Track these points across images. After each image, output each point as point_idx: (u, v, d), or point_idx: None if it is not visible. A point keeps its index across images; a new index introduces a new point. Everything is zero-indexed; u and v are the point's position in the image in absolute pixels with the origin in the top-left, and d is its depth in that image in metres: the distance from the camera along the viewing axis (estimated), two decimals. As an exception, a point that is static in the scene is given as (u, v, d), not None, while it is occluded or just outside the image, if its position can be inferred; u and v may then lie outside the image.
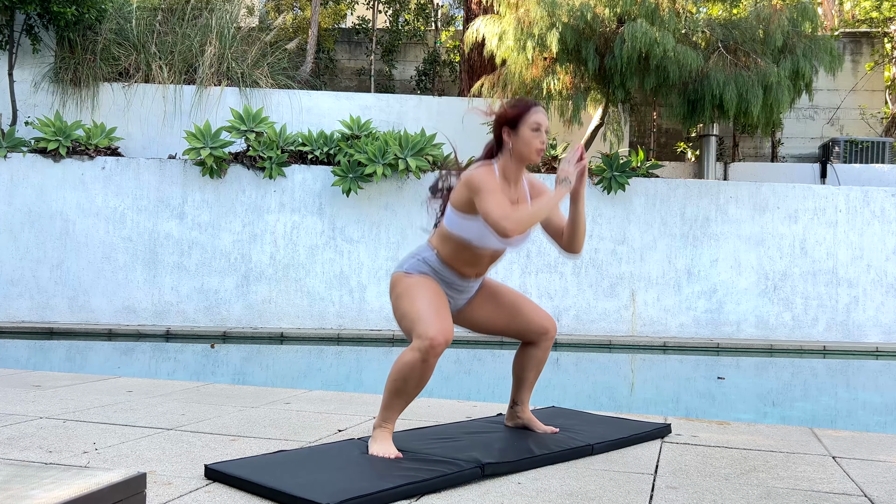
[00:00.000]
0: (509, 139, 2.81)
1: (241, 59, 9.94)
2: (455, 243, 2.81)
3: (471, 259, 2.84)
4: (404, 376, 2.63)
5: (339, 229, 8.71)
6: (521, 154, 2.81)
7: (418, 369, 2.60)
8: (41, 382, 4.28)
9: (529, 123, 2.78)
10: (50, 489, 1.54)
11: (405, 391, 2.66)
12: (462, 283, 2.90)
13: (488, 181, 2.68)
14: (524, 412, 3.13)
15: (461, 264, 2.85)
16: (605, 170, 8.78)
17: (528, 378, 3.09)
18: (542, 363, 3.07)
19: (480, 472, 2.49)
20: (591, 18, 8.34)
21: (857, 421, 4.90)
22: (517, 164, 2.85)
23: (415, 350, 2.60)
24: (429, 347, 2.57)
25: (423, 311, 2.68)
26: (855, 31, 12.23)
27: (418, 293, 2.75)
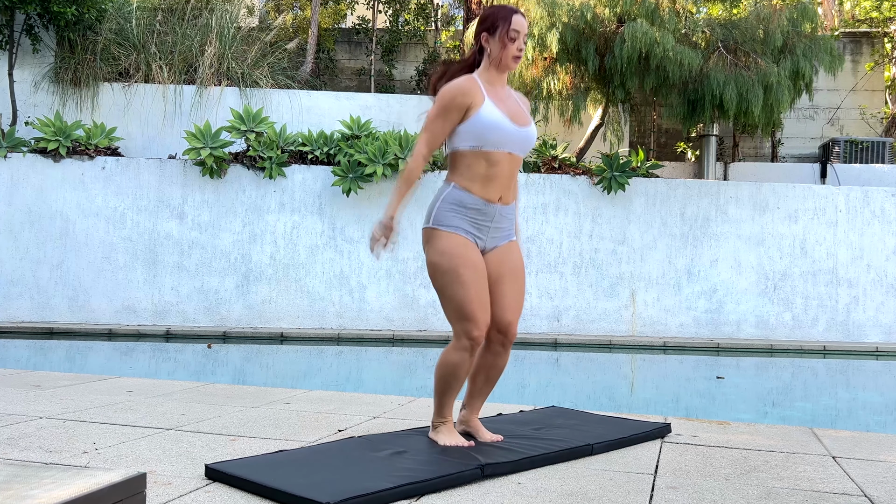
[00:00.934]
0: (488, 45, 2.82)
1: (241, 59, 9.94)
2: (466, 162, 2.79)
3: (486, 174, 2.78)
4: (454, 374, 2.74)
5: (339, 229, 8.71)
6: (497, 59, 2.81)
7: (466, 364, 2.73)
8: (41, 382, 4.28)
9: (507, 28, 2.78)
10: (50, 489, 1.54)
11: (456, 386, 2.78)
12: (490, 210, 2.80)
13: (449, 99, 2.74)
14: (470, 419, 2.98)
15: (480, 185, 2.78)
16: (605, 170, 8.78)
17: (478, 383, 2.94)
18: (492, 370, 2.91)
19: (480, 472, 2.49)
20: (591, 18, 8.34)
21: (857, 421, 4.90)
22: (498, 71, 2.84)
23: (461, 350, 2.70)
24: (474, 346, 2.71)
25: (466, 305, 2.69)
26: (855, 31, 12.23)
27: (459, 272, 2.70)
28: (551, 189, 8.82)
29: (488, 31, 2.81)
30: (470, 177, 2.79)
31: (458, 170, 2.81)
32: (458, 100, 2.74)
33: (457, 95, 2.74)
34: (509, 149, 2.80)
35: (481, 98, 2.76)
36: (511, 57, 2.80)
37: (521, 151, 2.84)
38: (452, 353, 2.71)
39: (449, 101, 2.74)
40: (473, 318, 2.68)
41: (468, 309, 2.69)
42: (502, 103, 2.81)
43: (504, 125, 2.76)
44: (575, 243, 8.80)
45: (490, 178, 2.79)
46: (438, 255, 2.75)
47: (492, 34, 2.81)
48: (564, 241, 8.80)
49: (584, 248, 8.80)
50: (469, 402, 3.00)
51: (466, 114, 2.75)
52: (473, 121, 2.74)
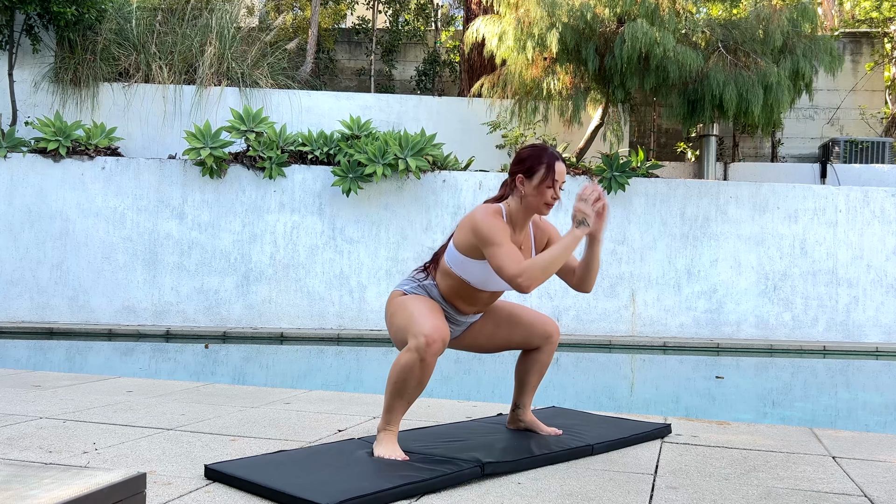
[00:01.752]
0: (522, 186, 2.72)
1: (241, 59, 9.94)
2: (455, 281, 2.78)
3: (470, 297, 2.82)
4: (404, 378, 2.58)
5: (339, 229, 8.71)
6: (530, 204, 2.74)
7: (417, 369, 2.55)
8: (41, 382, 4.28)
9: (549, 178, 2.69)
10: (50, 489, 1.54)
11: (405, 392, 2.61)
12: (460, 318, 2.89)
13: (496, 231, 2.60)
14: (526, 415, 3.09)
15: (460, 301, 2.82)
16: (605, 170, 8.78)
17: (531, 382, 3.05)
18: (545, 367, 3.04)
19: (480, 472, 2.48)
20: (591, 18, 8.34)
21: (857, 421, 4.90)
22: (525, 212, 2.77)
23: (411, 350, 2.55)
24: (425, 346, 2.52)
25: (417, 314, 2.64)
26: (855, 31, 12.23)
27: (412, 303, 2.72)
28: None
29: (525, 174, 2.71)
30: (452, 293, 2.81)
31: (443, 278, 2.81)
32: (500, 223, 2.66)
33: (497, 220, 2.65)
34: (495, 288, 2.82)
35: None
36: (545, 203, 2.73)
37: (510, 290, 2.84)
38: (403, 354, 2.59)
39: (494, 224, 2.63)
40: (422, 321, 2.59)
41: (416, 317, 2.62)
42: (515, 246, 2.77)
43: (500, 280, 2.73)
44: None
45: (472, 301, 2.84)
46: (395, 304, 2.77)
47: (528, 178, 2.70)
48: (564, 241, 8.78)
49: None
50: (522, 399, 3.07)
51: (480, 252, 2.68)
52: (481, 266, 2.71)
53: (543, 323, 2.98)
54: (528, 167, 2.71)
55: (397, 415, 2.66)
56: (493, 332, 2.97)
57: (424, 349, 2.52)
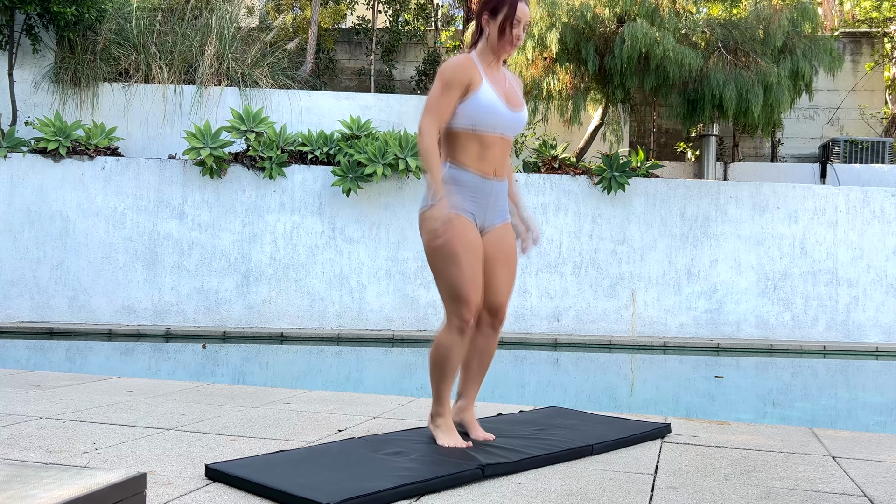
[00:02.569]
0: (487, 26, 2.83)
1: (241, 59, 9.94)
2: (460, 140, 2.81)
3: (480, 151, 2.81)
4: (448, 357, 2.74)
5: (339, 229, 8.71)
6: (494, 43, 2.83)
7: (458, 346, 2.74)
8: (41, 382, 4.28)
9: (510, 15, 2.78)
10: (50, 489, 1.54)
11: (451, 370, 2.77)
12: (485, 185, 2.83)
13: (451, 75, 2.73)
14: (466, 410, 2.98)
15: (475, 161, 2.81)
16: (605, 170, 8.78)
17: (472, 367, 2.96)
18: (484, 354, 2.95)
19: (480, 472, 2.48)
20: (591, 18, 8.34)
21: (857, 421, 4.90)
22: (493, 52, 2.85)
23: (452, 331, 2.72)
24: (464, 328, 2.72)
25: (459, 285, 2.71)
26: (855, 31, 12.23)
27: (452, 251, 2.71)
28: (551, 189, 8.83)
29: (490, 14, 2.82)
30: (465, 155, 2.81)
31: (452, 149, 2.83)
32: (460, 76, 2.75)
33: (458, 71, 2.75)
34: (501, 131, 2.84)
35: (479, 79, 2.79)
36: (509, 43, 2.82)
37: (512, 133, 2.90)
38: (444, 335, 2.73)
39: (451, 76, 2.75)
40: (466, 300, 2.70)
41: (463, 290, 2.71)
42: (498, 86, 2.84)
43: (499, 109, 2.79)
44: (575, 243, 8.80)
45: (484, 157, 2.83)
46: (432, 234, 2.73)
47: (493, 17, 2.81)
48: (564, 241, 8.80)
49: (584, 248, 8.80)
50: (464, 389, 3.00)
51: (466, 91, 2.77)
52: (470, 102, 2.77)
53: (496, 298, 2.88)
54: (493, 7, 2.82)
55: (446, 395, 2.82)
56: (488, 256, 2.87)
57: (464, 329, 2.73)
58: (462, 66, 2.76)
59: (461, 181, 2.80)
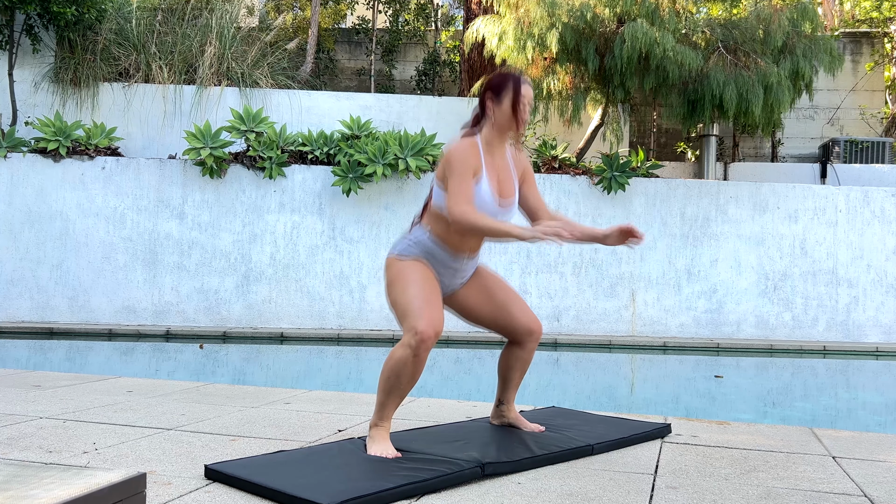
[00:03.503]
0: (492, 108, 2.86)
1: (241, 59, 9.94)
2: (443, 219, 2.83)
3: (461, 235, 2.84)
4: (397, 373, 2.65)
5: (339, 229, 8.71)
6: (501, 124, 2.86)
7: (410, 364, 2.63)
8: (41, 382, 4.28)
9: (516, 99, 2.82)
10: (50, 489, 1.54)
11: (398, 387, 2.68)
12: (455, 262, 2.89)
13: (463, 161, 2.73)
14: (510, 411, 3.17)
15: (453, 240, 2.85)
16: (605, 170, 8.78)
17: (513, 378, 3.11)
18: (526, 363, 3.08)
19: (480, 472, 2.49)
20: (591, 18, 8.34)
21: (857, 421, 4.90)
22: (498, 134, 2.88)
23: (405, 346, 2.62)
24: (419, 342, 2.60)
25: (413, 302, 2.69)
26: (855, 31, 12.23)
27: (409, 280, 2.76)
28: (551, 189, 8.83)
29: (494, 97, 2.85)
30: (444, 232, 2.85)
31: (433, 220, 2.86)
32: (472, 161, 2.77)
33: (469, 158, 2.76)
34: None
35: (479, 170, 2.80)
36: (515, 126, 2.85)
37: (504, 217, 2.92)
38: (398, 349, 2.67)
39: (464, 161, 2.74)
40: (419, 315, 2.66)
41: (413, 305, 2.69)
42: (495, 175, 2.85)
43: (489, 205, 2.80)
44: (575, 243, 8.79)
45: (462, 239, 2.87)
46: (395, 272, 2.81)
47: (497, 100, 2.84)
48: (564, 241, 8.78)
49: (584, 247, 8.80)
50: (505, 395, 3.14)
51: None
52: None
53: (528, 318, 3.01)
54: (497, 90, 2.86)
55: (389, 410, 2.73)
56: (482, 303, 2.99)
57: (418, 346, 2.60)
58: (470, 153, 2.77)
59: (431, 253, 2.85)
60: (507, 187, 2.89)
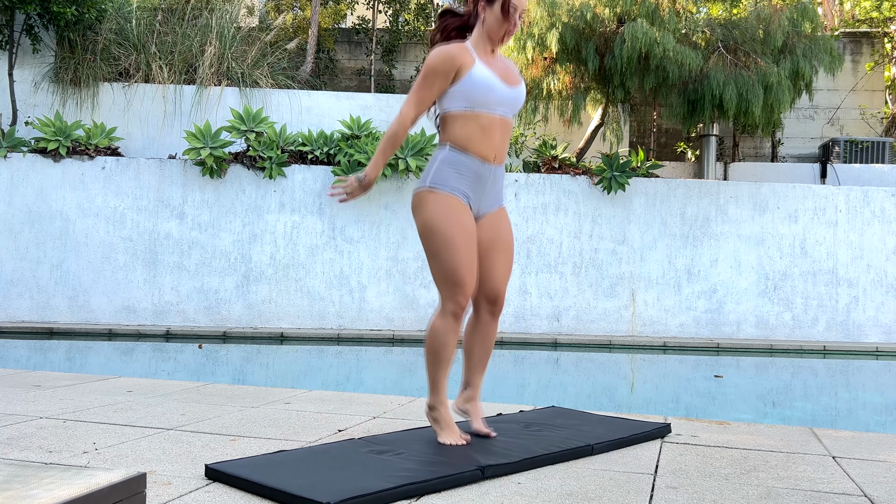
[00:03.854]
0: (483, 12, 2.80)
1: (241, 59, 9.94)
2: (459, 123, 2.79)
3: (480, 134, 2.79)
4: (443, 343, 2.71)
5: (339, 229, 8.71)
6: (490, 30, 2.80)
7: (452, 333, 2.71)
8: (41, 382, 4.28)
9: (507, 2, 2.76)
10: (50, 489, 1.54)
11: (446, 357, 2.74)
12: (484, 170, 2.82)
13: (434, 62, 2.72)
14: (473, 400, 3.00)
15: (475, 144, 2.79)
16: (605, 170, 8.78)
17: (474, 355, 2.97)
18: (487, 340, 2.96)
19: (481, 472, 2.48)
20: (591, 18, 8.34)
21: (857, 421, 4.90)
22: (488, 40, 2.83)
23: (446, 315, 2.70)
24: (460, 312, 2.70)
25: (455, 269, 2.69)
26: (855, 31, 12.23)
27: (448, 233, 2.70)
28: (551, 189, 8.83)
29: (487, 1, 2.79)
30: (463, 138, 2.79)
31: (451, 132, 2.81)
32: (442, 67, 2.74)
33: (441, 63, 2.74)
34: (500, 111, 2.82)
35: (471, 60, 2.77)
36: (504, 32, 2.80)
37: (511, 112, 2.87)
38: (439, 321, 2.69)
39: (433, 68, 2.74)
40: (461, 284, 2.68)
41: (458, 274, 2.69)
42: (492, 65, 2.83)
43: (495, 85, 2.77)
44: (575, 243, 8.80)
45: (484, 139, 2.80)
46: (433, 215, 2.74)
47: (489, 4, 2.78)
48: (564, 241, 8.80)
49: (584, 248, 8.80)
50: (469, 377, 3.02)
51: (457, 76, 2.76)
52: (464, 81, 2.75)
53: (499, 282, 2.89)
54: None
55: (442, 383, 2.79)
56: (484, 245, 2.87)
57: (458, 314, 2.71)
58: (449, 55, 2.74)
59: (460, 165, 2.78)
60: (512, 76, 2.87)
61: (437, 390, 2.80)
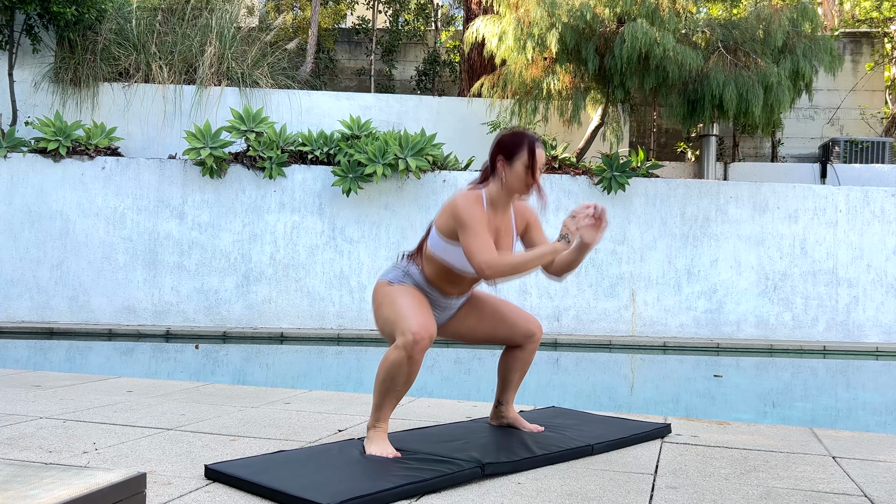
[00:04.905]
0: (503, 169, 2.78)
1: (241, 59, 9.94)
2: (438, 264, 2.81)
3: (453, 279, 2.84)
4: (392, 375, 2.63)
5: (339, 229, 8.71)
6: (511, 187, 2.78)
7: (405, 367, 2.60)
8: (41, 382, 4.28)
9: (525, 159, 2.74)
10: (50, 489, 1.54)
11: (394, 389, 2.66)
12: (445, 301, 2.91)
13: (474, 215, 2.66)
14: (509, 411, 3.16)
15: (444, 284, 2.85)
16: (605, 170, 8.78)
17: (513, 379, 3.10)
18: (527, 364, 3.08)
19: (481, 472, 2.48)
20: (591, 18, 8.34)
21: (857, 421, 4.90)
22: (507, 195, 2.81)
23: (399, 348, 2.60)
24: (413, 343, 2.57)
25: (404, 310, 2.68)
26: (855, 31, 12.23)
27: (398, 296, 2.75)
28: (551, 189, 8.83)
29: (506, 158, 2.77)
30: (436, 276, 2.84)
31: (426, 262, 2.85)
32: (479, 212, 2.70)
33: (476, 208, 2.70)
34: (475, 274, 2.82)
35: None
36: (525, 187, 2.78)
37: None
38: (392, 352, 2.64)
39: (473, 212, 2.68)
40: (410, 318, 2.63)
41: (403, 312, 2.66)
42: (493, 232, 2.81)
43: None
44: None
45: (456, 283, 2.86)
46: (381, 295, 2.80)
47: (508, 161, 2.76)
48: (564, 241, 8.78)
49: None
50: (504, 396, 3.13)
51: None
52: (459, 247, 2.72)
53: (527, 321, 3.01)
54: (509, 151, 2.77)
55: (386, 411, 2.71)
56: (477, 323, 3.01)
57: (412, 346, 2.58)
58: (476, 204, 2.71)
59: (422, 289, 2.85)
60: (505, 243, 2.87)
61: (380, 417, 2.70)
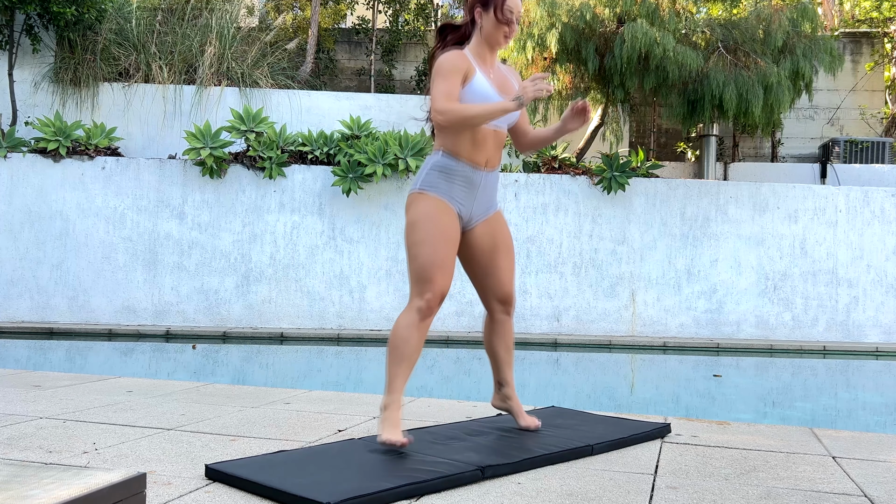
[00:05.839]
0: (480, 19, 2.84)
1: (241, 59, 9.94)
2: (453, 131, 2.81)
3: (473, 141, 2.81)
4: (405, 338, 2.67)
5: (339, 229, 8.71)
6: (488, 35, 2.83)
7: (416, 329, 2.68)
8: (41, 382, 4.28)
9: (501, 7, 2.79)
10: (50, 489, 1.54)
11: (407, 355, 2.69)
12: (475, 176, 2.85)
13: (447, 67, 2.71)
14: (512, 395, 3.12)
15: (467, 150, 2.82)
16: (605, 170, 8.78)
17: (501, 355, 3.09)
18: (507, 336, 3.07)
19: (481, 472, 2.48)
20: (591, 18, 8.35)
21: (857, 421, 4.90)
22: (487, 46, 2.86)
23: (411, 311, 2.69)
24: (427, 308, 2.69)
25: (429, 267, 2.71)
26: (855, 31, 12.23)
27: (429, 232, 2.75)
28: (551, 189, 8.83)
29: (482, 6, 2.82)
30: (456, 144, 2.82)
31: (445, 138, 2.84)
32: (459, 63, 2.75)
33: (456, 61, 2.75)
34: (495, 124, 2.85)
35: (473, 70, 2.79)
36: (502, 36, 2.83)
37: (506, 125, 2.92)
38: (404, 316, 2.70)
39: (451, 66, 2.73)
40: (431, 280, 2.70)
41: (430, 272, 2.72)
42: (491, 76, 2.86)
43: (492, 99, 2.79)
44: (575, 243, 8.80)
45: (476, 147, 2.83)
46: (418, 215, 2.79)
47: (485, 10, 2.82)
48: (564, 241, 8.80)
49: (584, 248, 8.80)
50: (500, 376, 3.12)
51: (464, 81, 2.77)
52: (464, 94, 2.77)
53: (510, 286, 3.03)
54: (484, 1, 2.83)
55: (399, 382, 2.72)
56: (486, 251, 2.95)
57: (425, 311, 2.69)
58: (458, 56, 2.77)
59: (452, 171, 2.82)
60: (509, 89, 2.89)
61: (392, 389, 2.71)
